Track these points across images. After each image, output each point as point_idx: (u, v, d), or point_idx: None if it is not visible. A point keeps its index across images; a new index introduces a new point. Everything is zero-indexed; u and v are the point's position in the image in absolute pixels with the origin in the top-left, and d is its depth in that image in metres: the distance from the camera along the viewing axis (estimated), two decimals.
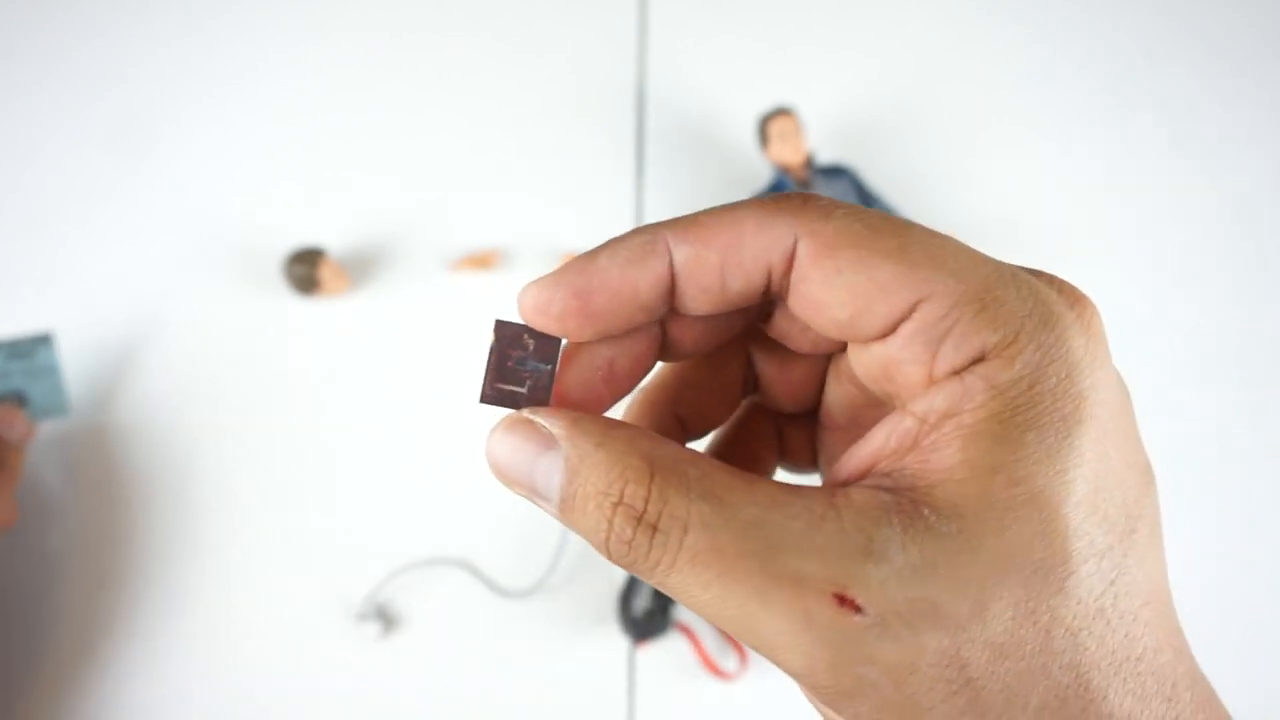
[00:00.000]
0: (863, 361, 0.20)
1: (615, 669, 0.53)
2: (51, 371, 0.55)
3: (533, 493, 0.20)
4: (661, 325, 0.21)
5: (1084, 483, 0.17)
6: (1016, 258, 0.19)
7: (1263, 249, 0.60)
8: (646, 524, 0.18)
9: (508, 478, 0.20)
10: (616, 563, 0.19)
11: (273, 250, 0.60)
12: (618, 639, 0.53)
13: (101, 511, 0.56)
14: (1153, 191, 0.62)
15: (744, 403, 0.26)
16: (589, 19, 0.67)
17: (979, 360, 0.17)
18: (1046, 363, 0.17)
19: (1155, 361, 0.56)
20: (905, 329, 0.18)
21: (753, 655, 0.53)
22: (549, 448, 0.19)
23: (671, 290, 0.20)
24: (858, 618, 0.16)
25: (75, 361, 0.58)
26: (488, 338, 0.20)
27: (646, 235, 0.20)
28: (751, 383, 0.25)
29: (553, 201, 0.62)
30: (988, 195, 0.61)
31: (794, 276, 0.19)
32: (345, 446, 0.57)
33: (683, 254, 0.19)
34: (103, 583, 0.54)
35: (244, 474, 0.56)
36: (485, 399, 0.21)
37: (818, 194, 0.19)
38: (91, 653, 0.53)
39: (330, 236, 0.60)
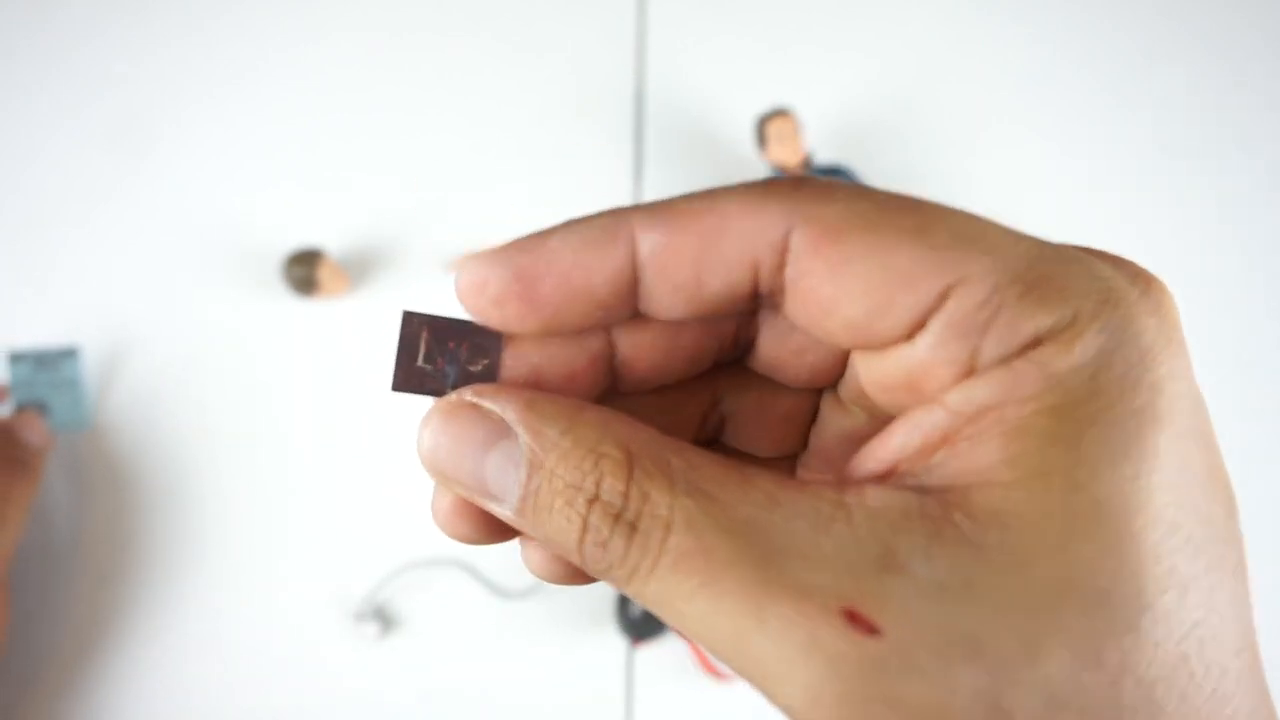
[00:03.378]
0: (877, 374, 0.17)
1: (613, 669, 0.53)
2: (75, 385, 0.56)
3: (481, 494, 0.17)
4: (611, 343, 0.18)
5: (1162, 493, 0.14)
6: None
7: (1263, 249, 0.60)
8: (625, 523, 0.15)
9: (448, 477, 0.17)
10: (591, 570, 0.16)
11: (272, 251, 0.60)
12: (616, 639, 0.53)
13: (99, 511, 0.56)
14: (1153, 191, 0.62)
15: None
16: (588, 19, 0.66)
17: (1031, 347, 0.14)
18: (1113, 347, 0.14)
19: None
20: (935, 324, 0.15)
21: None
22: (501, 437, 0.16)
23: (634, 287, 0.17)
24: (873, 642, 0.13)
25: None
26: (394, 332, 0.18)
27: (609, 218, 0.17)
28: (713, 424, 0.20)
29: (551, 201, 0.62)
30: (988, 196, 0.61)
31: (790, 273, 0.16)
32: (344, 446, 0.57)
33: (651, 242, 0.16)
34: (101, 583, 0.54)
35: (242, 474, 0.56)
36: (397, 386, 0.18)
37: (814, 177, 0.16)
38: (90, 653, 0.53)
39: (329, 237, 0.60)
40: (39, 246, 0.61)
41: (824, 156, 0.61)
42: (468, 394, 0.17)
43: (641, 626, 0.51)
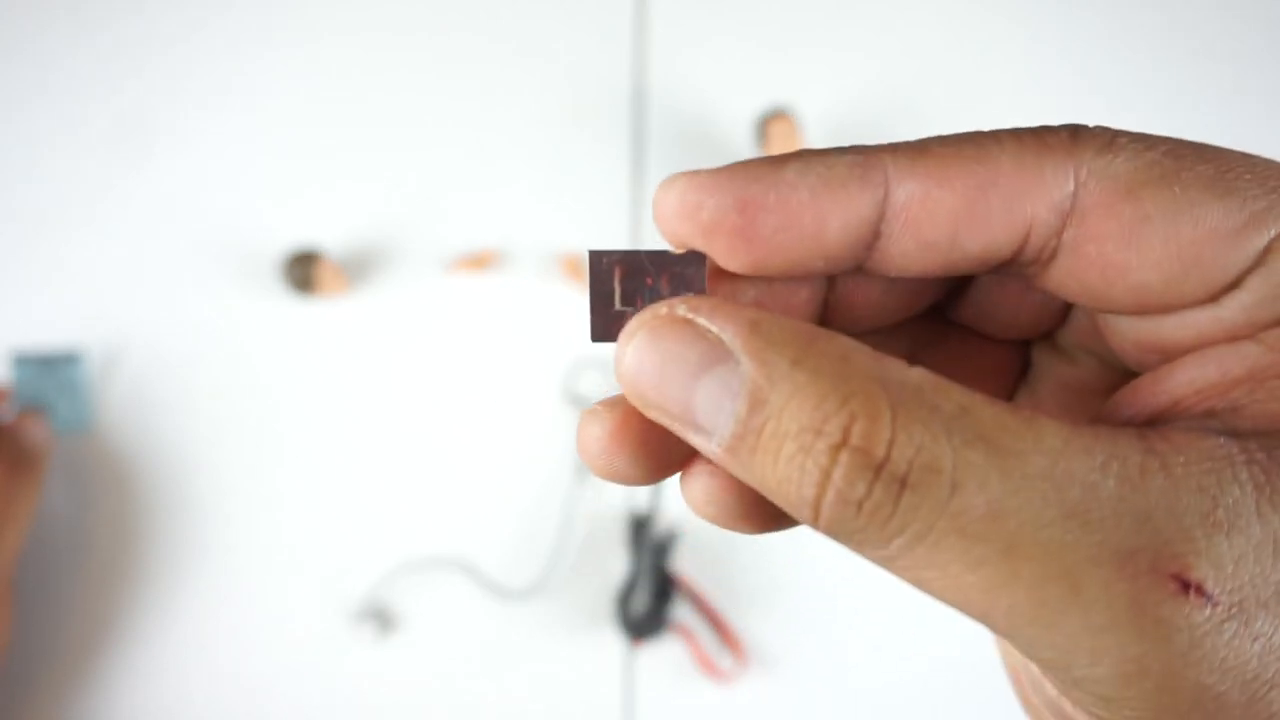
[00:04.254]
0: (1147, 334, 0.15)
1: (613, 669, 0.53)
2: (77, 388, 0.56)
3: (686, 424, 0.14)
4: (826, 286, 0.16)
5: None
6: None
7: None
8: (891, 477, 0.12)
9: (650, 402, 0.14)
10: (825, 529, 0.13)
11: (271, 251, 0.60)
12: (615, 639, 0.53)
13: (100, 512, 0.56)
14: None
15: None
16: (587, 20, 0.66)
17: None
18: None
19: None
20: (1254, 281, 0.13)
21: (750, 655, 0.52)
22: (719, 362, 0.13)
23: (873, 238, 0.15)
24: (1208, 608, 0.12)
25: None
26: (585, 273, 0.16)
27: (858, 155, 0.14)
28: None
29: (550, 202, 0.62)
30: None
31: (1072, 235, 0.14)
32: (343, 446, 0.57)
33: (907, 191, 0.14)
34: (102, 583, 0.54)
35: (241, 474, 0.56)
36: (597, 336, 0.16)
37: (1089, 126, 0.15)
38: (91, 653, 0.53)
39: (328, 238, 0.60)
40: (39, 247, 0.61)
41: None
42: (680, 307, 0.14)
43: (641, 626, 0.51)
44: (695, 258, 0.15)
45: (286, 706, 0.52)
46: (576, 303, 0.59)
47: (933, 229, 0.14)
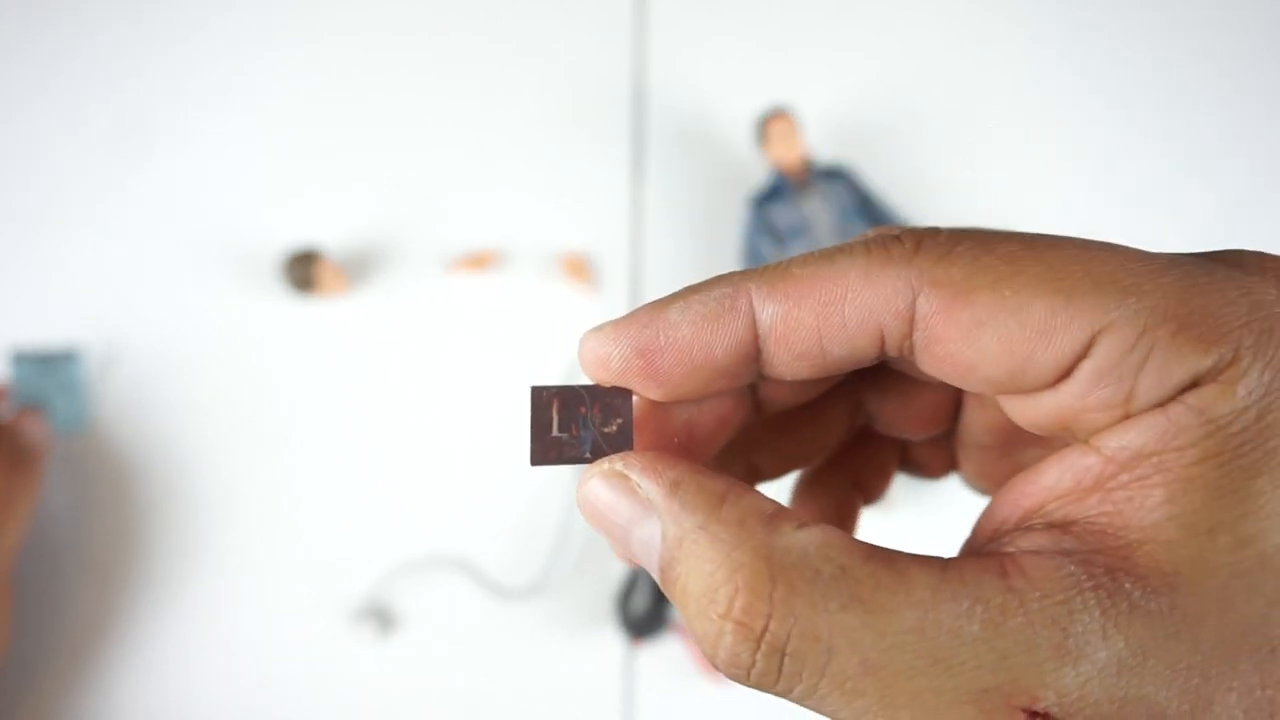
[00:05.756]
0: (1023, 412, 0.16)
1: (612, 669, 0.53)
2: (76, 386, 0.56)
3: (630, 558, 0.17)
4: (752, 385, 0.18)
5: None
6: None
7: (1264, 250, 0.60)
8: (771, 648, 0.14)
9: (603, 531, 0.17)
10: (729, 678, 0.15)
11: (270, 251, 0.60)
12: (615, 639, 0.53)
13: (99, 511, 0.56)
14: (1154, 191, 0.62)
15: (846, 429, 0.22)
16: (587, 20, 0.66)
17: (1189, 388, 0.14)
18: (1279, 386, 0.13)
19: None
20: (1083, 372, 0.14)
21: None
22: (646, 516, 0.16)
23: (756, 354, 0.17)
24: None
25: None
26: (526, 404, 0.17)
27: (726, 287, 0.16)
28: (860, 421, 0.21)
29: (549, 201, 0.62)
30: (989, 196, 0.61)
31: (919, 337, 0.16)
32: (343, 446, 0.57)
33: (770, 313, 0.16)
34: (101, 582, 0.54)
35: (241, 474, 0.56)
36: (536, 460, 0.18)
37: (928, 228, 0.16)
38: (90, 652, 0.53)
39: (328, 237, 0.60)
40: (40, 245, 0.61)
41: (825, 156, 0.61)
42: (618, 464, 0.16)
43: (641, 626, 0.51)
44: (621, 391, 0.17)
45: (286, 706, 0.52)
46: (576, 303, 0.59)
47: (800, 342, 0.16)
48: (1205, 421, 0.13)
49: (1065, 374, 0.15)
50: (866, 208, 0.57)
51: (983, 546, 0.16)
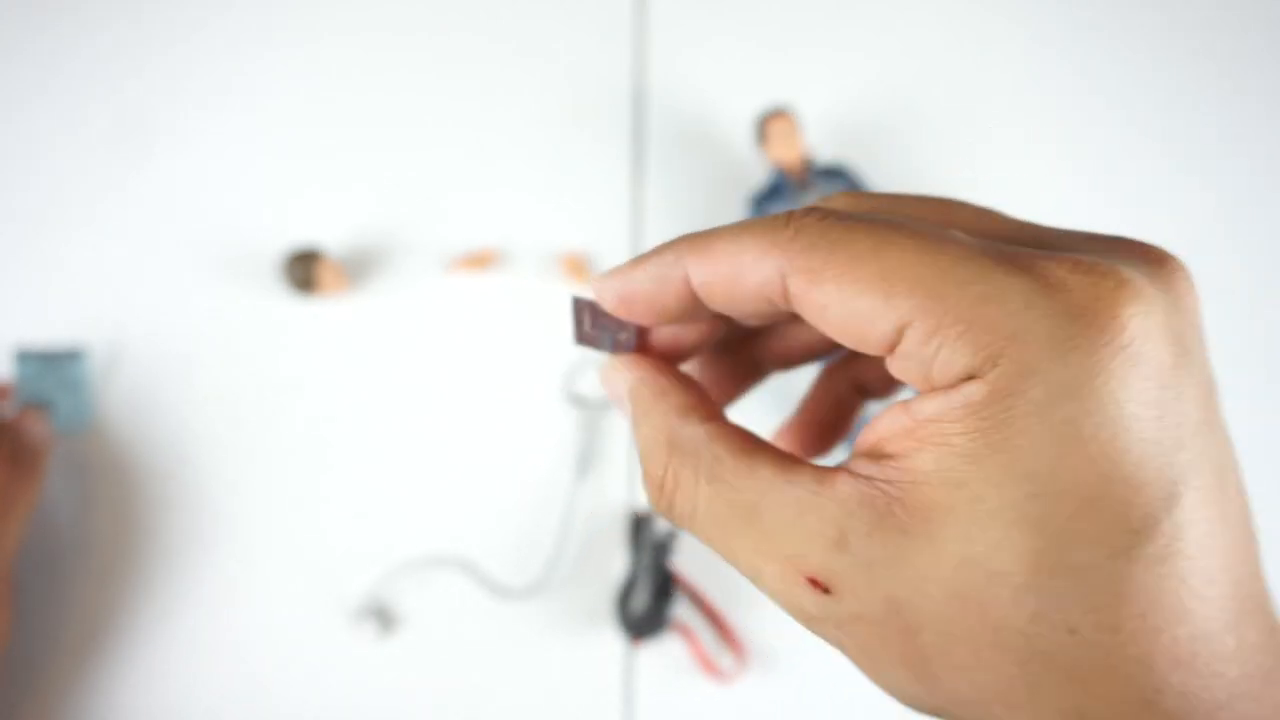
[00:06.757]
0: (889, 366, 0.21)
1: (612, 669, 0.53)
2: (79, 386, 0.56)
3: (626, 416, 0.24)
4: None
5: (1048, 500, 0.17)
6: None
7: (1264, 249, 0.60)
8: (667, 499, 0.21)
9: (610, 400, 0.24)
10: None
11: (271, 251, 0.60)
12: (615, 639, 0.53)
13: (100, 510, 0.56)
14: (1153, 191, 0.62)
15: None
16: (588, 20, 0.66)
17: (965, 380, 0.18)
18: (1015, 387, 0.17)
19: None
20: (899, 352, 0.19)
21: (750, 655, 0.53)
22: (624, 398, 0.23)
23: (698, 301, 0.22)
24: (826, 597, 0.19)
25: None
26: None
27: (668, 255, 0.22)
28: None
29: (550, 201, 0.62)
30: (988, 196, 0.61)
31: (795, 307, 0.20)
32: (343, 446, 0.57)
33: (699, 276, 0.21)
34: (102, 581, 0.54)
35: (241, 473, 0.56)
36: (578, 340, 0.25)
37: (812, 213, 0.20)
38: (91, 652, 0.53)
39: (329, 237, 0.60)
40: (42, 245, 0.61)
41: (824, 155, 0.61)
42: (616, 363, 0.24)
43: (641, 626, 0.51)
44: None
45: (287, 705, 0.52)
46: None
47: (721, 299, 0.21)
48: (968, 405, 0.18)
49: (889, 351, 0.19)
50: None
51: (852, 460, 0.21)
